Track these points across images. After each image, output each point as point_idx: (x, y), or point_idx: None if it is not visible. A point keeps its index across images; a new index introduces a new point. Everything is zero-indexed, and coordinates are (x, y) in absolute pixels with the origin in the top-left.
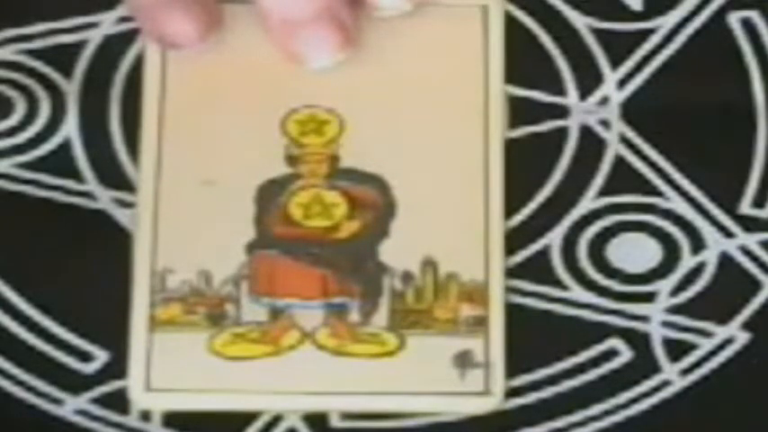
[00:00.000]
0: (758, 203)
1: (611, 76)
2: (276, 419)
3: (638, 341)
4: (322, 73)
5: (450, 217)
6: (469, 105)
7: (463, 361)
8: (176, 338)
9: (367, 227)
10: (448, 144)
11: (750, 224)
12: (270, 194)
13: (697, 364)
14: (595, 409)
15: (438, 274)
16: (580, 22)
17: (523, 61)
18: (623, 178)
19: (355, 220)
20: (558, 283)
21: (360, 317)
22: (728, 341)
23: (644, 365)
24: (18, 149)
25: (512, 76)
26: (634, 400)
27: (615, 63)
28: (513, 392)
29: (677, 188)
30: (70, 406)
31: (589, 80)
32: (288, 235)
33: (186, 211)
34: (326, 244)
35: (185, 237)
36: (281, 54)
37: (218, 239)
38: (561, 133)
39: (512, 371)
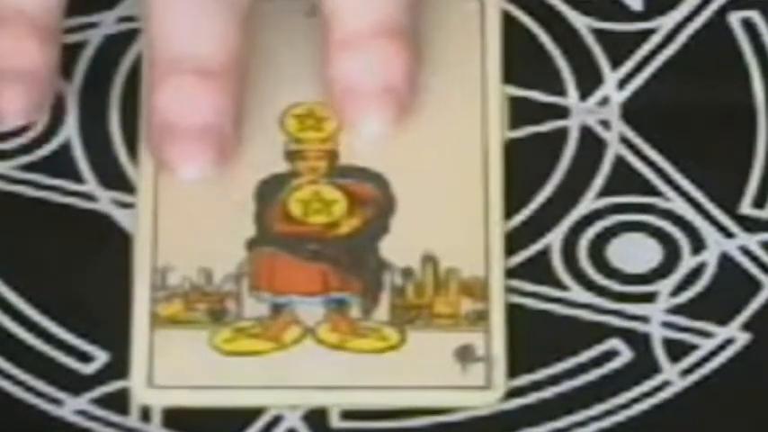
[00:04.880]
0: (758, 203)
1: (611, 77)
2: (276, 420)
3: (639, 341)
4: (320, 70)
5: (450, 213)
6: (467, 102)
7: (464, 355)
8: (178, 335)
9: (367, 223)
10: (447, 141)
11: (750, 224)
12: (269, 191)
13: (697, 365)
14: (596, 409)
15: (438, 269)
16: (580, 22)
17: (523, 61)
18: (623, 178)
19: (355, 217)
20: (558, 284)
21: (361, 312)
22: (729, 342)
23: (644, 366)
24: (18, 151)
25: (511, 77)
26: (635, 400)
27: (615, 63)
28: (514, 392)
29: (677, 188)
30: (70, 406)
31: (589, 80)
32: (288, 231)
33: (186, 208)
34: (327, 240)
35: (185, 234)
36: (155, 156)
37: (219, 236)
38: (561, 133)
39: (513, 370)
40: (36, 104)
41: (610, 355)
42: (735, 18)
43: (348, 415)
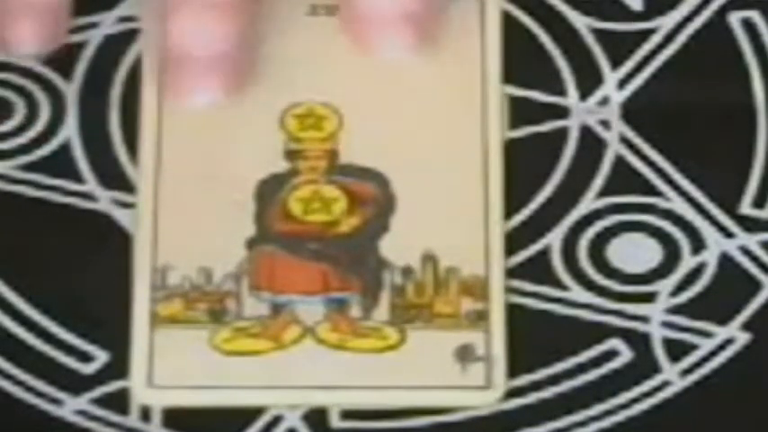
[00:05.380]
0: (758, 203)
1: (611, 76)
2: (276, 419)
3: (639, 341)
4: (321, 69)
5: (450, 212)
6: (467, 102)
7: (464, 355)
8: (178, 335)
9: (367, 222)
10: (447, 140)
11: (750, 224)
12: (269, 190)
13: (697, 365)
14: (596, 409)
15: (438, 268)
16: (580, 22)
17: (523, 61)
18: (623, 178)
19: (355, 216)
20: (558, 283)
21: (361, 311)
22: (729, 341)
23: (644, 366)
24: (18, 151)
25: (511, 77)
26: (635, 400)
27: (615, 63)
28: (513, 392)
29: (677, 188)
30: (70, 406)
31: (589, 80)
32: (288, 230)
33: (186, 208)
34: (327, 239)
35: (185, 233)
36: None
37: (219, 235)
38: (561, 133)
39: (513, 370)
40: (49, 35)
41: (610, 355)
42: (735, 18)
43: (348, 415)
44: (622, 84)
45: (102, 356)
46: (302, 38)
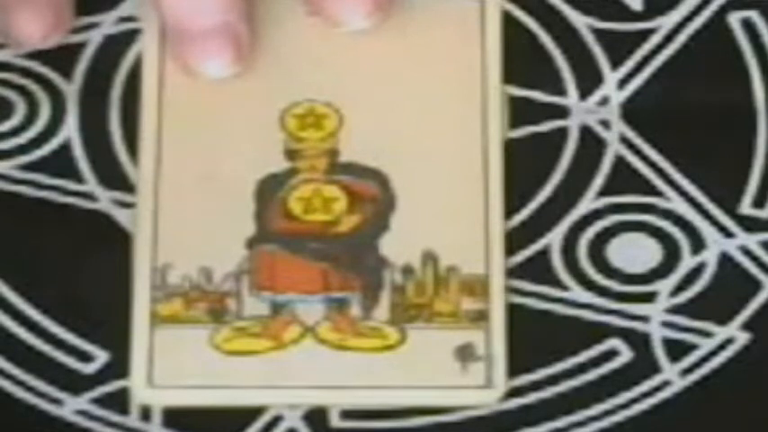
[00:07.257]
0: (758, 203)
1: (611, 76)
2: (276, 419)
3: (638, 341)
4: (321, 68)
5: (451, 211)
6: (467, 102)
7: (464, 354)
8: (178, 334)
9: (367, 221)
10: (447, 139)
11: (750, 224)
12: (269, 189)
13: (697, 365)
14: (596, 409)
15: (438, 267)
16: (580, 22)
17: (523, 61)
18: (623, 178)
19: (355, 215)
20: (558, 283)
21: (361, 311)
22: (728, 341)
23: (644, 366)
24: (18, 151)
25: (512, 76)
26: (634, 400)
27: (615, 63)
28: (513, 392)
29: (677, 188)
30: (70, 406)
31: (589, 80)
32: (288, 230)
33: (186, 207)
34: (327, 238)
35: (185, 232)
36: (178, 63)
37: (219, 235)
38: (561, 133)
39: (512, 370)
40: (51, 25)
41: (610, 355)
42: (735, 18)
43: (348, 415)
44: (622, 84)
45: (102, 356)
46: (302, 37)
